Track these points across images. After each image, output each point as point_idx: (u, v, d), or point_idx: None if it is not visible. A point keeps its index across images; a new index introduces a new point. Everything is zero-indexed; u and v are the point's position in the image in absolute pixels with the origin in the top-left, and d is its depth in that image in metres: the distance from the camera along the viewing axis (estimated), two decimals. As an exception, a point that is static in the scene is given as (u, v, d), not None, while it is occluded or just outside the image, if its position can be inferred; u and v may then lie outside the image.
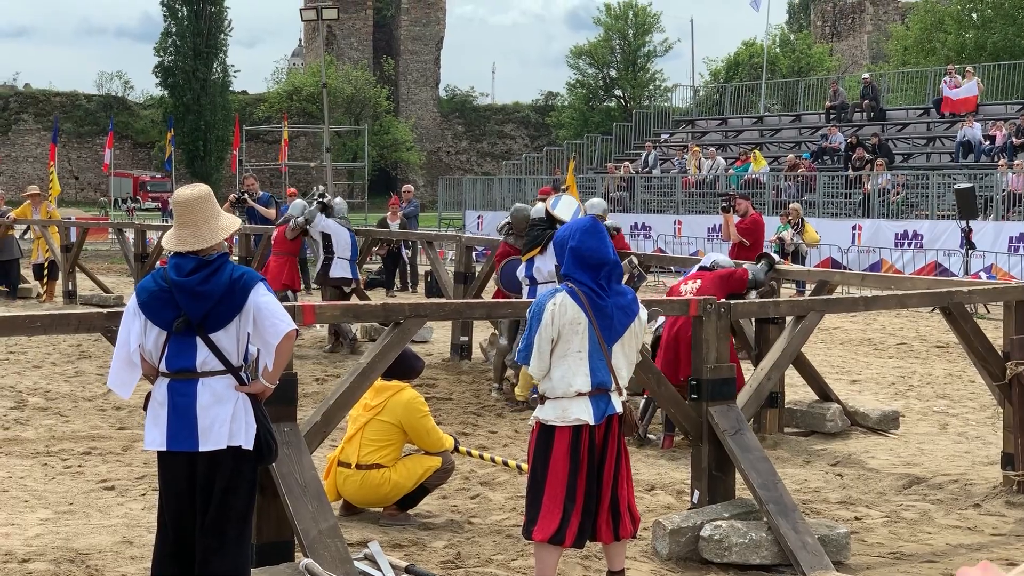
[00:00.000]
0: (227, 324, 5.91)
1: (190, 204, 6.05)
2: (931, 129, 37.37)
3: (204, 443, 5.87)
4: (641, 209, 35.74)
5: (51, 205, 26.93)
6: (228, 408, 5.90)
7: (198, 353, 5.90)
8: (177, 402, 5.89)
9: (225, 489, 5.95)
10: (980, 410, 13.05)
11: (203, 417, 5.87)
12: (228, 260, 6.08)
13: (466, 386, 14.34)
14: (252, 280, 5.98)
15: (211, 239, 6.02)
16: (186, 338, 5.90)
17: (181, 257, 6.00)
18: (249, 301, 5.91)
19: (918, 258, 27.97)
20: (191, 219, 6.03)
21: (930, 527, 8.65)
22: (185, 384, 5.90)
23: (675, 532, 7.65)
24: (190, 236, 6.01)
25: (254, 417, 6.01)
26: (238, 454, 5.95)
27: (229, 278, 5.93)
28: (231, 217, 6.28)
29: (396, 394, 8.47)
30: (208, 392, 5.89)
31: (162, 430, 5.92)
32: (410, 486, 8.46)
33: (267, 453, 6.12)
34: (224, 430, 5.88)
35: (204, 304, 5.86)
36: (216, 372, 5.92)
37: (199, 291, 5.87)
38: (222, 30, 73.47)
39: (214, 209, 6.12)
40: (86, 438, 11.23)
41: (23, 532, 8.17)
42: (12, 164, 70.03)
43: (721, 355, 8.04)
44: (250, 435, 5.97)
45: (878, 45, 75.33)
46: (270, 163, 65.83)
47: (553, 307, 6.57)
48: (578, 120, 73.96)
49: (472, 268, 17.21)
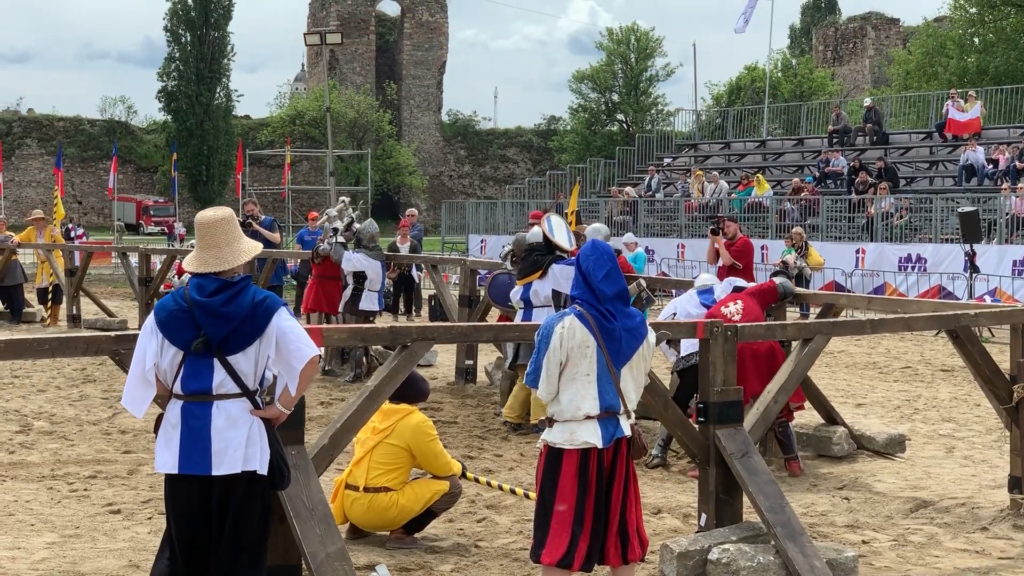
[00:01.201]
0: (247, 347, 5.88)
1: (213, 226, 6.05)
2: (934, 153, 37.40)
3: (217, 467, 5.84)
4: (644, 233, 35.71)
5: (55, 229, 26.95)
6: (243, 432, 5.88)
7: (215, 375, 5.86)
8: (191, 424, 5.85)
9: (238, 515, 5.93)
10: (986, 433, 13.03)
11: (217, 440, 5.83)
12: (251, 283, 6.06)
13: (471, 410, 14.32)
14: (275, 304, 5.96)
15: (233, 261, 6.01)
16: (203, 359, 5.86)
17: (203, 277, 5.98)
18: (272, 325, 5.89)
19: (922, 282, 27.95)
20: (213, 241, 6.02)
21: (938, 551, 8.63)
22: (200, 407, 5.87)
23: (683, 555, 7.63)
24: (212, 258, 6.00)
25: (268, 442, 5.99)
26: (252, 479, 5.92)
27: (252, 300, 5.91)
28: (253, 240, 6.27)
29: (405, 417, 8.46)
30: (223, 415, 5.86)
31: (174, 452, 5.88)
32: (417, 510, 8.44)
33: (280, 479, 6.10)
34: (239, 454, 5.85)
35: (226, 325, 5.84)
36: (232, 395, 5.89)
37: (221, 312, 5.84)
38: (225, 55, 73.76)
39: (236, 232, 6.12)
40: (91, 462, 11.21)
41: (29, 556, 8.15)
42: (16, 189, 70.16)
43: (728, 378, 8.03)
44: (265, 460, 5.95)
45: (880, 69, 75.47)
46: (273, 187, 65.92)
47: (562, 330, 6.57)
48: (581, 144, 74.05)
49: (476, 292, 17.21)
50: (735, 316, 10.75)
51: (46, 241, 24.94)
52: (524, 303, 12.91)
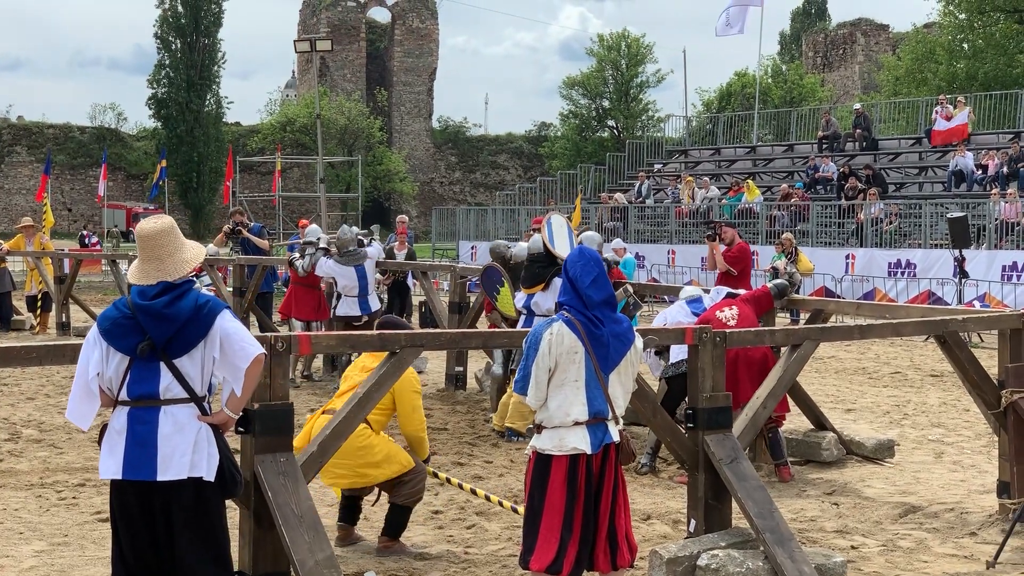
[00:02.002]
0: (191, 349, 5.85)
1: (153, 238, 6.01)
2: (923, 159, 37.49)
3: (163, 472, 5.78)
4: (635, 239, 35.76)
5: (45, 237, 26.92)
6: (190, 437, 5.83)
7: (161, 379, 5.84)
8: (137, 430, 5.81)
9: (189, 523, 5.87)
10: (975, 438, 13.05)
11: (164, 445, 5.78)
12: (193, 286, 6.03)
13: (461, 416, 14.32)
14: (218, 306, 5.94)
15: (175, 273, 5.98)
16: (149, 364, 5.84)
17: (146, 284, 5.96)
18: (215, 327, 5.86)
19: (911, 287, 28.01)
20: (154, 253, 5.99)
21: (926, 556, 8.64)
22: (146, 412, 5.83)
23: (672, 562, 7.63)
24: (154, 270, 5.97)
25: (216, 448, 5.94)
26: (199, 485, 5.87)
27: (195, 303, 5.89)
28: (196, 248, 6.20)
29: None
30: (170, 420, 5.82)
31: (118, 459, 5.83)
32: (383, 469, 8.21)
33: (232, 485, 6.05)
34: (185, 460, 5.80)
35: (169, 327, 5.82)
36: (179, 400, 5.85)
37: (164, 313, 5.82)
38: (215, 62, 73.61)
39: (178, 242, 6.07)
40: (80, 470, 11.19)
41: (18, 564, 8.15)
42: (5, 196, 70.02)
43: (717, 384, 8.04)
44: (212, 466, 5.89)
45: (870, 75, 75.55)
46: (263, 194, 65.86)
47: (550, 336, 6.58)
48: (571, 150, 73.97)
49: (467, 298, 17.21)
50: (730, 321, 10.79)
51: (35, 248, 24.91)
52: (525, 311, 12.91)
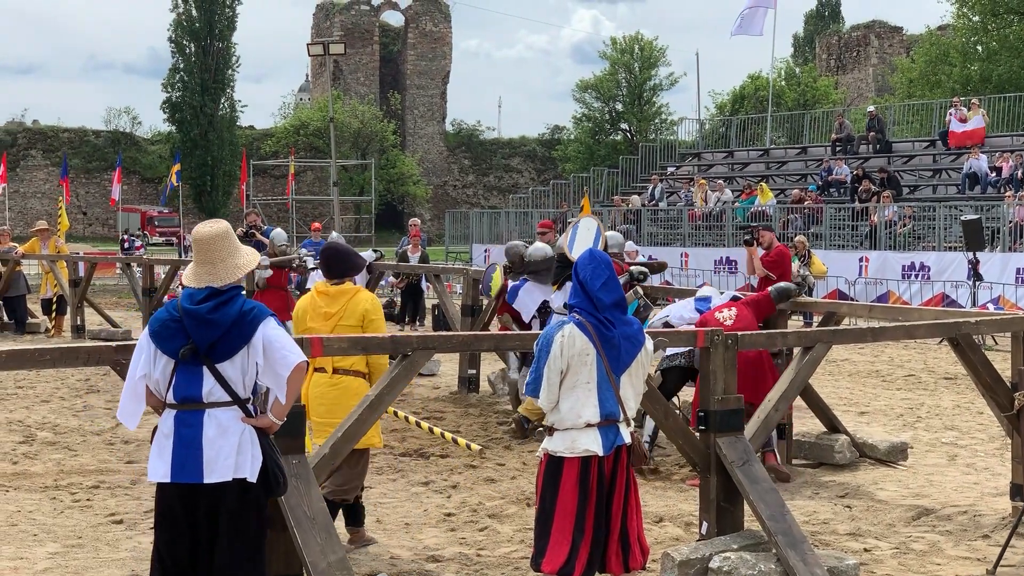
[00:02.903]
0: (234, 355, 5.92)
1: (208, 242, 6.09)
2: (937, 161, 37.40)
3: (209, 475, 5.87)
4: (648, 242, 35.75)
5: (60, 240, 27.00)
6: (234, 440, 5.91)
7: (204, 383, 5.92)
8: (183, 433, 5.90)
9: (232, 524, 5.94)
10: (989, 441, 13.02)
11: (208, 448, 5.87)
12: (240, 293, 6.11)
13: (474, 419, 14.34)
14: (262, 314, 6.01)
15: (228, 277, 6.06)
16: (193, 367, 5.92)
17: (195, 288, 6.04)
18: (258, 334, 5.93)
19: (925, 290, 27.95)
20: (208, 257, 6.07)
21: (939, 558, 8.62)
22: (191, 415, 5.92)
23: (684, 564, 7.63)
24: (207, 274, 6.05)
25: (260, 449, 6.01)
26: (244, 487, 5.95)
27: (239, 310, 5.96)
28: (251, 253, 6.27)
29: (354, 297, 8.41)
30: (214, 423, 5.90)
31: (166, 461, 5.92)
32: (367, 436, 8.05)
33: (275, 486, 6.12)
34: (229, 462, 5.89)
35: (212, 332, 5.89)
36: (222, 403, 5.93)
37: (208, 319, 5.90)
38: (229, 66, 73.75)
39: (232, 246, 6.15)
40: (94, 472, 11.23)
41: (32, 566, 8.17)
42: (20, 200, 70.21)
43: (729, 386, 8.04)
44: (255, 467, 5.96)
45: (883, 78, 75.43)
46: (277, 197, 65.98)
47: (562, 339, 6.59)
48: (584, 154, 73.97)
49: (479, 301, 17.22)
50: (727, 322, 10.81)
51: (50, 252, 24.98)
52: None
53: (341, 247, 8.75)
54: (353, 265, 8.62)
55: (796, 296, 12.01)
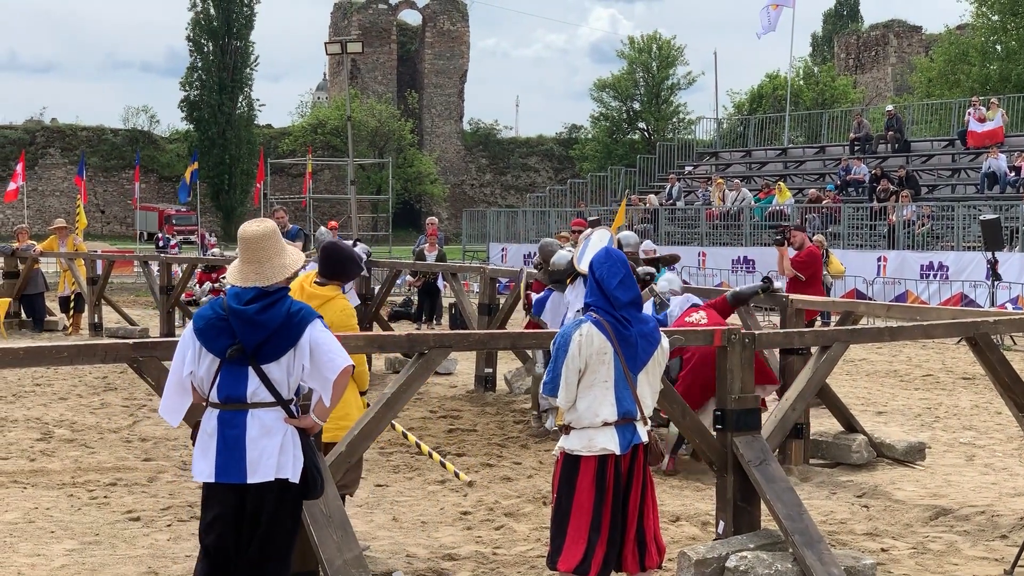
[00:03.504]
0: (280, 356, 5.93)
1: (255, 242, 6.08)
2: (956, 161, 37.30)
3: (252, 475, 5.90)
4: (665, 241, 35.69)
5: (78, 238, 27.09)
6: (277, 440, 5.93)
7: (249, 383, 5.93)
8: (227, 434, 5.92)
9: (269, 522, 5.98)
10: (1007, 441, 12.98)
11: (252, 449, 5.90)
12: (287, 294, 6.11)
13: (491, 418, 14.34)
14: (310, 316, 6.01)
15: (273, 277, 6.05)
16: (238, 367, 5.93)
17: (242, 288, 6.05)
18: (305, 336, 5.93)
19: (944, 289, 27.86)
20: (255, 256, 6.07)
21: (957, 558, 8.59)
22: (235, 415, 5.93)
23: (700, 563, 7.62)
24: (253, 273, 6.05)
25: (302, 451, 6.03)
26: (284, 487, 5.97)
27: (287, 311, 5.97)
28: (296, 254, 6.26)
29: (331, 300, 8.25)
30: (257, 424, 5.92)
31: (211, 461, 5.95)
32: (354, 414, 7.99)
33: (313, 487, 6.14)
34: (272, 462, 5.91)
35: (260, 333, 5.90)
36: (266, 404, 5.94)
37: (256, 320, 5.91)
38: (247, 64, 74.03)
39: (278, 246, 6.14)
40: (112, 469, 11.26)
41: (49, 563, 8.20)
42: (39, 198, 70.46)
43: (746, 385, 8.02)
44: (297, 468, 5.99)
45: (902, 77, 75.30)
46: (294, 196, 66.11)
47: (580, 337, 6.57)
48: (602, 153, 74.03)
49: (496, 300, 17.22)
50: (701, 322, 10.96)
51: (68, 250, 25.06)
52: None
53: (345, 250, 8.60)
54: (345, 271, 8.44)
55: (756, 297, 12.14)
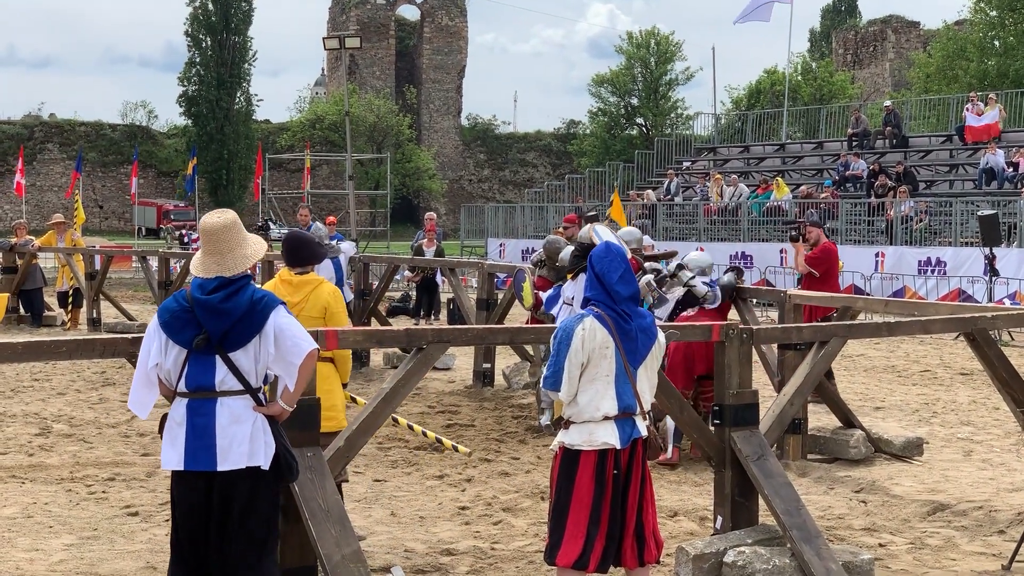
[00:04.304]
0: (246, 343, 5.95)
1: (216, 232, 6.10)
2: (954, 156, 37.31)
3: (222, 463, 5.91)
4: (663, 237, 35.71)
5: (76, 233, 27.07)
6: (246, 428, 5.95)
7: (217, 372, 5.95)
8: (195, 422, 5.93)
9: (244, 511, 5.97)
10: (1005, 437, 12.98)
11: (221, 436, 5.91)
12: (250, 282, 6.14)
13: (488, 413, 14.34)
14: (273, 303, 6.04)
15: (235, 267, 6.07)
16: (205, 357, 5.95)
17: (205, 278, 6.07)
18: (269, 323, 5.96)
19: (941, 285, 27.87)
20: (216, 248, 6.08)
21: (955, 553, 8.61)
22: (203, 403, 5.95)
23: (698, 558, 7.63)
24: (215, 264, 6.06)
25: (272, 436, 6.04)
26: (256, 474, 5.98)
27: (250, 299, 6.00)
28: (258, 243, 6.29)
29: (317, 288, 8.35)
30: (227, 412, 5.94)
31: (179, 450, 5.96)
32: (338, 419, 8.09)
33: (287, 471, 6.15)
34: (243, 449, 5.93)
35: (224, 321, 5.92)
36: (234, 392, 5.96)
37: (220, 308, 5.93)
38: (246, 60, 74.01)
39: (240, 237, 6.16)
40: (110, 464, 11.27)
41: (47, 558, 8.20)
42: (37, 193, 70.41)
43: (744, 380, 8.03)
44: (268, 454, 6.00)
45: (900, 73, 75.31)
46: (293, 191, 66.07)
47: (582, 332, 6.56)
48: (600, 148, 74.03)
49: (495, 295, 17.23)
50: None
51: (66, 245, 25.05)
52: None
53: (303, 235, 8.77)
54: (314, 253, 8.58)
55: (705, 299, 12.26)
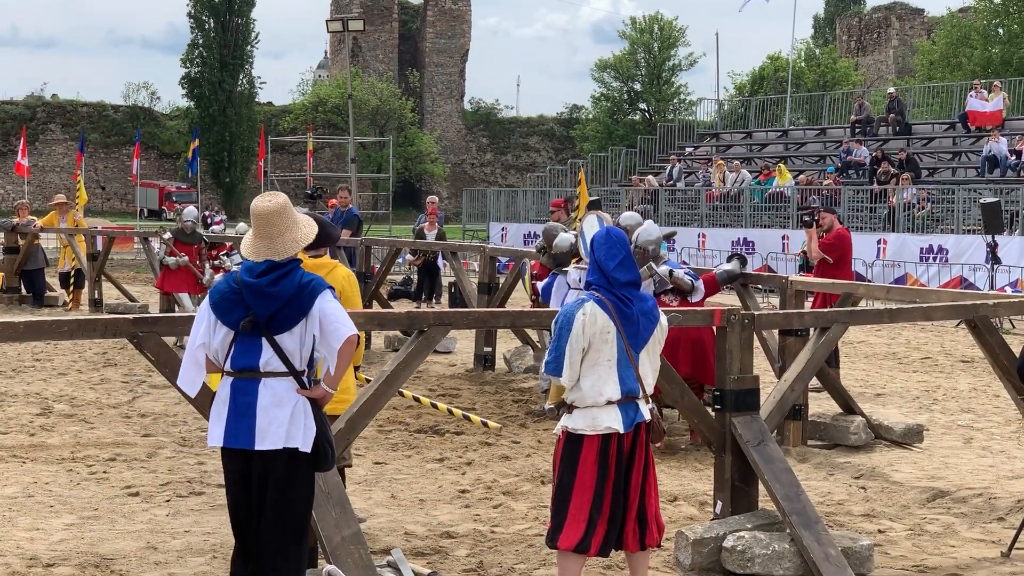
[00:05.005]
0: (292, 327, 6.04)
1: (267, 216, 6.16)
2: (957, 144, 37.27)
3: (260, 442, 6.02)
4: (665, 222, 35.66)
5: (78, 214, 27.07)
6: (287, 410, 6.03)
7: (262, 353, 6.04)
8: (239, 401, 6.05)
9: (280, 492, 6.08)
10: (1005, 424, 12.99)
11: (262, 417, 6.01)
12: (299, 265, 6.19)
13: (489, 396, 14.36)
14: (320, 286, 6.11)
15: (285, 252, 6.13)
16: (252, 338, 6.05)
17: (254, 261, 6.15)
18: (315, 306, 6.04)
19: (943, 272, 27.87)
20: (267, 232, 6.14)
21: (954, 540, 8.62)
22: (247, 383, 6.05)
23: (698, 543, 7.64)
24: (265, 248, 6.13)
25: (313, 421, 6.12)
26: (294, 456, 6.06)
27: (298, 282, 6.07)
28: (309, 226, 6.32)
29: (331, 272, 8.24)
30: (269, 393, 6.03)
31: (222, 427, 6.08)
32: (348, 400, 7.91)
33: (323, 460, 6.21)
34: (281, 431, 6.02)
35: (272, 305, 6.01)
36: (278, 373, 6.05)
37: (268, 292, 6.01)
38: (248, 41, 73.91)
39: (290, 220, 6.21)
40: (111, 444, 11.29)
41: (48, 537, 8.22)
42: (39, 174, 70.33)
43: (745, 366, 8.03)
44: (308, 438, 6.08)
45: (904, 60, 75.17)
46: (295, 174, 66.03)
47: (583, 317, 6.56)
48: (602, 133, 73.94)
49: (496, 279, 17.23)
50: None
51: (68, 225, 25.05)
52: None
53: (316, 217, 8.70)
54: (328, 235, 8.55)
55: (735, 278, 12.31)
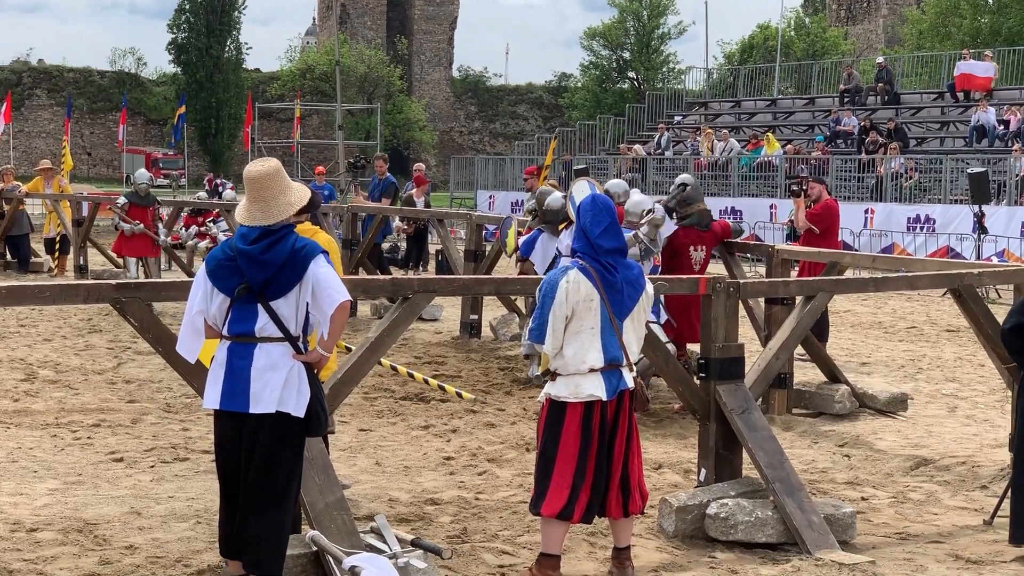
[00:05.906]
0: (287, 292, 6.10)
1: (260, 180, 6.21)
2: (945, 113, 37.26)
3: (255, 405, 6.09)
4: (653, 191, 35.58)
5: (63, 180, 26.96)
6: (281, 375, 6.10)
7: (258, 319, 6.12)
8: (234, 364, 6.12)
9: (268, 453, 6.14)
10: (989, 393, 13.02)
11: (256, 380, 6.09)
12: (292, 231, 6.23)
13: (475, 364, 14.35)
14: (313, 251, 6.15)
15: (279, 215, 6.18)
16: (247, 304, 6.12)
17: (249, 227, 6.19)
18: (309, 271, 6.08)
19: (930, 242, 27.90)
20: (259, 195, 6.19)
21: (936, 508, 8.65)
22: (244, 347, 6.13)
23: (681, 510, 7.66)
24: (259, 212, 6.18)
25: (308, 386, 6.17)
26: (286, 421, 6.13)
27: (291, 248, 6.12)
28: (301, 191, 6.38)
29: (316, 235, 8.20)
30: (264, 356, 6.10)
31: (219, 390, 6.15)
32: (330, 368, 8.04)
33: (316, 424, 6.29)
34: (275, 395, 6.08)
35: (265, 271, 6.07)
36: (274, 339, 6.12)
37: (261, 259, 6.07)
38: (236, 7, 73.38)
39: (282, 184, 6.25)
40: (95, 410, 11.27)
41: (32, 502, 8.22)
42: (25, 139, 70.00)
43: (730, 334, 8.03)
44: (301, 403, 6.15)
45: (893, 29, 74.98)
46: (282, 141, 65.80)
47: (567, 284, 6.56)
48: (591, 101, 73.72)
49: (483, 247, 17.21)
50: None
51: (54, 191, 24.96)
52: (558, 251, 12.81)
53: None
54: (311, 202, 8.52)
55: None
